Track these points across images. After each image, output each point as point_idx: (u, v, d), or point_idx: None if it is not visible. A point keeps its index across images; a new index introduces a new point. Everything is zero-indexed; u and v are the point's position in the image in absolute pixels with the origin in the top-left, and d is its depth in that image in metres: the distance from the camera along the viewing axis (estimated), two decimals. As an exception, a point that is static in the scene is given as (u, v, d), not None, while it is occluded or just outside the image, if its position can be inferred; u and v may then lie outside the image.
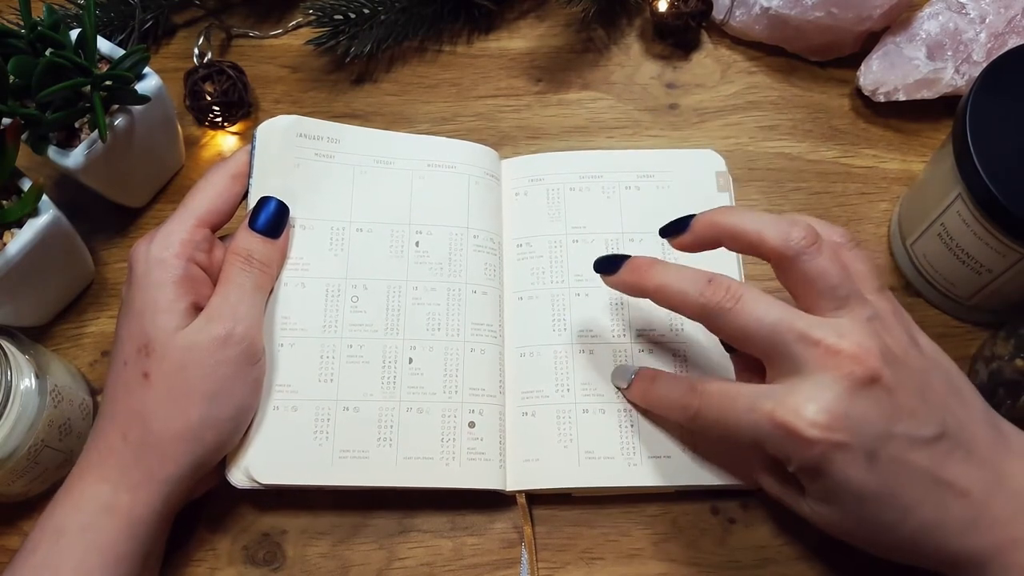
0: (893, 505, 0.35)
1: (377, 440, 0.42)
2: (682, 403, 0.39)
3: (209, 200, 0.42)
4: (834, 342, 0.34)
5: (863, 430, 0.34)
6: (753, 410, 0.35)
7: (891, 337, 0.36)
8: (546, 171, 0.50)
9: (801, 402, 0.34)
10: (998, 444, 0.36)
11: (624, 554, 0.43)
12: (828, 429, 0.33)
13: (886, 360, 0.34)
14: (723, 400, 0.37)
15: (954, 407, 0.36)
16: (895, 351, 0.35)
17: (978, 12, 0.51)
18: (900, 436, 0.34)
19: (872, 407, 0.34)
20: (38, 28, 0.42)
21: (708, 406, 0.37)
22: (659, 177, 0.49)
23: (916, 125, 0.54)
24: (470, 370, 0.44)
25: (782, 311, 0.35)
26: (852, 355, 0.34)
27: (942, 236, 0.44)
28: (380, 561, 0.43)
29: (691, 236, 0.39)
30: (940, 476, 0.34)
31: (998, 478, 0.35)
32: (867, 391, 0.34)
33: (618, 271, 0.40)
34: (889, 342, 0.35)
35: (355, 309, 0.45)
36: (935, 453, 0.34)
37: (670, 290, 0.38)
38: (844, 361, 0.34)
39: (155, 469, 0.38)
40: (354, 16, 0.54)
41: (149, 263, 0.40)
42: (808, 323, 0.35)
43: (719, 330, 0.37)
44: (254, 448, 0.41)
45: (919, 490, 0.34)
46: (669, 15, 0.54)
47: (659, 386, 0.41)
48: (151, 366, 0.38)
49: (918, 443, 0.34)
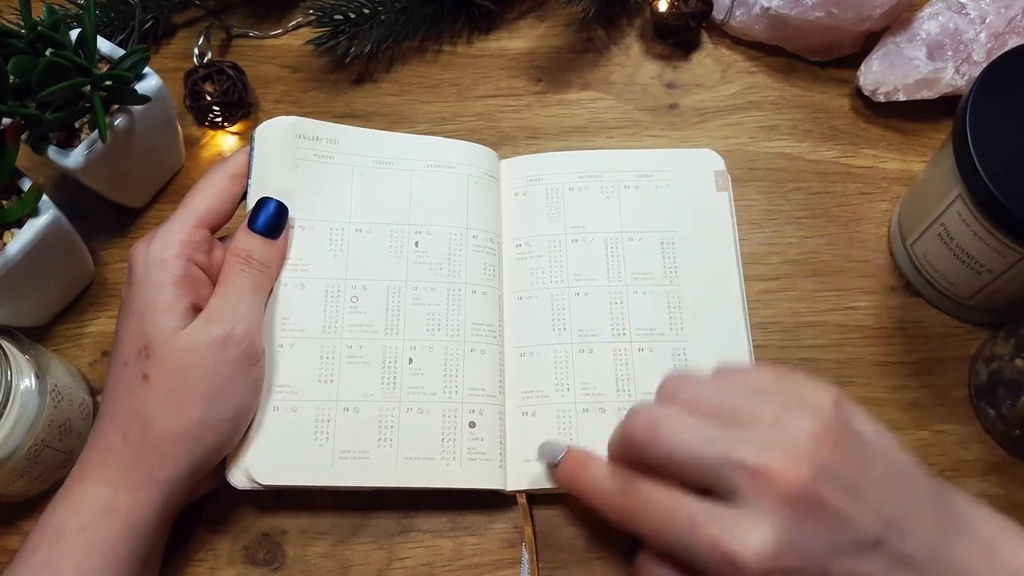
0: None
1: (377, 440, 0.42)
2: (613, 503, 0.36)
3: (208, 201, 0.42)
4: (759, 462, 0.32)
5: (811, 552, 0.31)
6: (695, 533, 0.32)
7: (818, 430, 0.33)
8: (545, 171, 0.50)
9: (745, 531, 0.31)
10: (947, 528, 0.33)
11: (624, 554, 0.43)
12: (776, 559, 0.31)
13: (817, 469, 0.32)
14: (660, 512, 0.34)
15: (898, 496, 0.33)
16: (824, 452, 0.32)
17: (978, 12, 0.51)
18: (846, 545, 0.32)
19: (815, 525, 0.31)
20: (38, 28, 0.42)
21: (643, 515, 0.35)
22: (658, 177, 0.49)
23: (916, 125, 0.54)
24: (470, 370, 0.44)
25: (702, 433, 0.34)
26: (781, 473, 0.31)
27: (942, 236, 0.44)
28: (380, 561, 0.43)
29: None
30: None
31: (947, 568, 0.33)
32: (807, 510, 0.31)
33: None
34: (816, 442, 0.32)
35: (355, 309, 0.45)
36: (882, 557, 0.32)
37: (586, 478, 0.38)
38: (776, 482, 0.31)
39: (155, 470, 0.38)
40: (354, 16, 0.54)
41: (149, 264, 0.40)
42: (730, 442, 0.33)
43: (647, 462, 0.35)
44: (254, 449, 0.41)
45: None
46: (669, 15, 0.54)
47: (588, 474, 0.38)
48: (151, 367, 0.38)
49: (866, 549, 0.32)
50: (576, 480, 0.38)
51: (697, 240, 0.48)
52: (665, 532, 0.34)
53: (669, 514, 0.34)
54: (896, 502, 0.33)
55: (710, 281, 0.47)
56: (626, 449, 0.36)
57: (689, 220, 0.48)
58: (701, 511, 0.33)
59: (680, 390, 0.36)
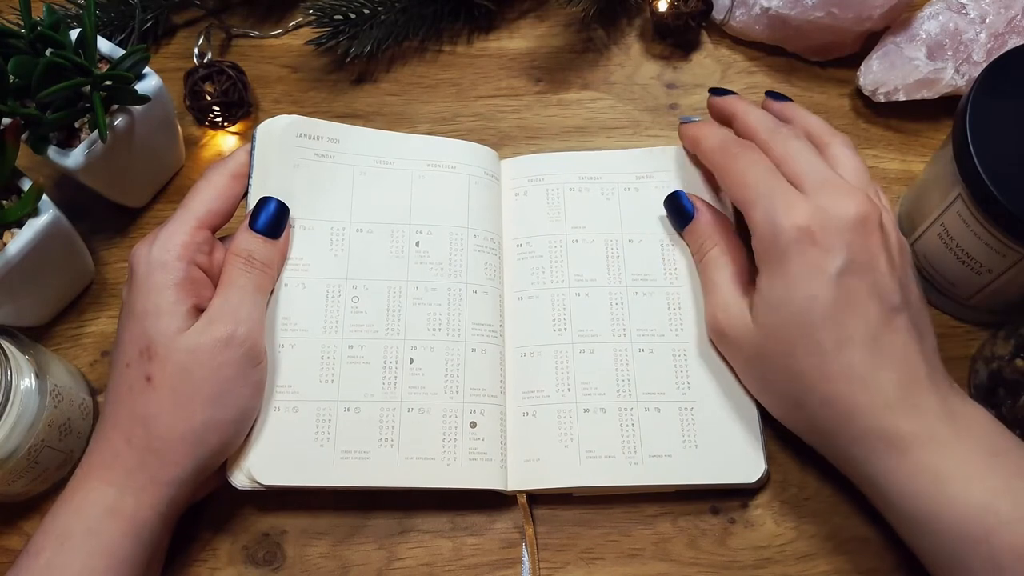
0: (833, 329, 0.37)
1: (378, 440, 0.42)
2: (715, 158, 0.44)
3: (209, 201, 0.42)
4: (836, 181, 0.39)
5: (848, 248, 0.37)
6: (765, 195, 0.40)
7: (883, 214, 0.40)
8: (545, 171, 0.50)
9: (814, 203, 0.38)
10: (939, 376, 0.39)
11: (624, 554, 0.43)
12: (819, 231, 0.38)
13: (873, 223, 0.39)
14: (748, 176, 0.41)
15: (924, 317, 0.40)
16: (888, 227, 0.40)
17: (978, 12, 0.51)
18: (870, 280, 0.38)
19: (861, 239, 0.38)
20: (38, 28, 0.42)
21: (734, 169, 0.42)
22: (658, 178, 0.49)
23: (916, 125, 0.54)
24: (471, 370, 0.44)
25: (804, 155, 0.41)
26: (852, 191, 0.39)
27: (942, 236, 0.44)
28: (380, 561, 0.43)
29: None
30: (882, 337, 0.37)
31: (931, 377, 0.38)
32: (864, 228, 0.38)
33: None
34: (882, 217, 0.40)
35: (356, 310, 0.45)
36: (890, 318, 0.38)
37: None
38: (849, 192, 0.39)
39: (159, 472, 0.38)
40: (354, 16, 0.54)
41: (150, 266, 0.40)
42: (826, 170, 0.40)
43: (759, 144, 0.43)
44: (255, 449, 0.41)
45: (860, 332, 0.37)
46: (669, 15, 0.54)
47: (706, 130, 0.46)
48: (154, 369, 0.38)
49: (885, 302, 0.38)
50: (697, 132, 0.46)
51: None
52: (743, 190, 0.41)
53: (754, 180, 0.41)
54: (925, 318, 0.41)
55: None
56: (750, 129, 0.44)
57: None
58: (779, 188, 0.40)
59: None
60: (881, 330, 0.37)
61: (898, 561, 0.42)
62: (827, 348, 0.37)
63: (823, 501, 0.44)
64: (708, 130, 0.46)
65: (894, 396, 0.37)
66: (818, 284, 0.37)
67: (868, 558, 0.42)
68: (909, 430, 0.36)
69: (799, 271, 0.38)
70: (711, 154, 0.44)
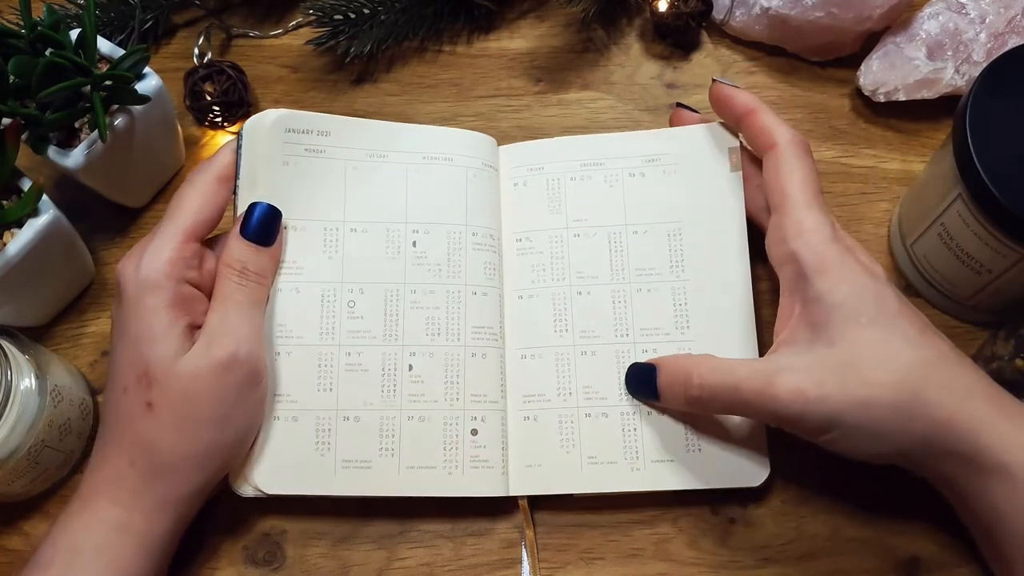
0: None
1: (379, 450, 0.42)
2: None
3: (195, 211, 0.41)
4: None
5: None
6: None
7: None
8: (545, 159, 0.48)
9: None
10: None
11: (624, 554, 0.43)
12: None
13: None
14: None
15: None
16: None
17: (978, 12, 0.51)
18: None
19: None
20: (38, 28, 0.41)
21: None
22: (665, 161, 0.47)
23: (916, 125, 0.53)
24: (471, 376, 0.43)
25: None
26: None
27: (942, 236, 0.44)
28: (380, 561, 0.43)
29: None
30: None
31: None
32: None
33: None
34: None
35: (352, 315, 0.44)
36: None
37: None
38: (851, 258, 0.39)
39: (165, 493, 0.38)
40: (354, 16, 0.54)
41: (139, 287, 0.39)
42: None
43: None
44: (258, 459, 0.41)
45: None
46: (669, 15, 0.54)
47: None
48: (153, 395, 0.38)
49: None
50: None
51: (706, 228, 0.45)
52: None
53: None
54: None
55: (718, 274, 0.45)
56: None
57: (698, 207, 0.46)
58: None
59: None
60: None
61: (898, 561, 0.42)
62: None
63: (823, 501, 0.44)
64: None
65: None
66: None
67: (868, 558, 0.42)
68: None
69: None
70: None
